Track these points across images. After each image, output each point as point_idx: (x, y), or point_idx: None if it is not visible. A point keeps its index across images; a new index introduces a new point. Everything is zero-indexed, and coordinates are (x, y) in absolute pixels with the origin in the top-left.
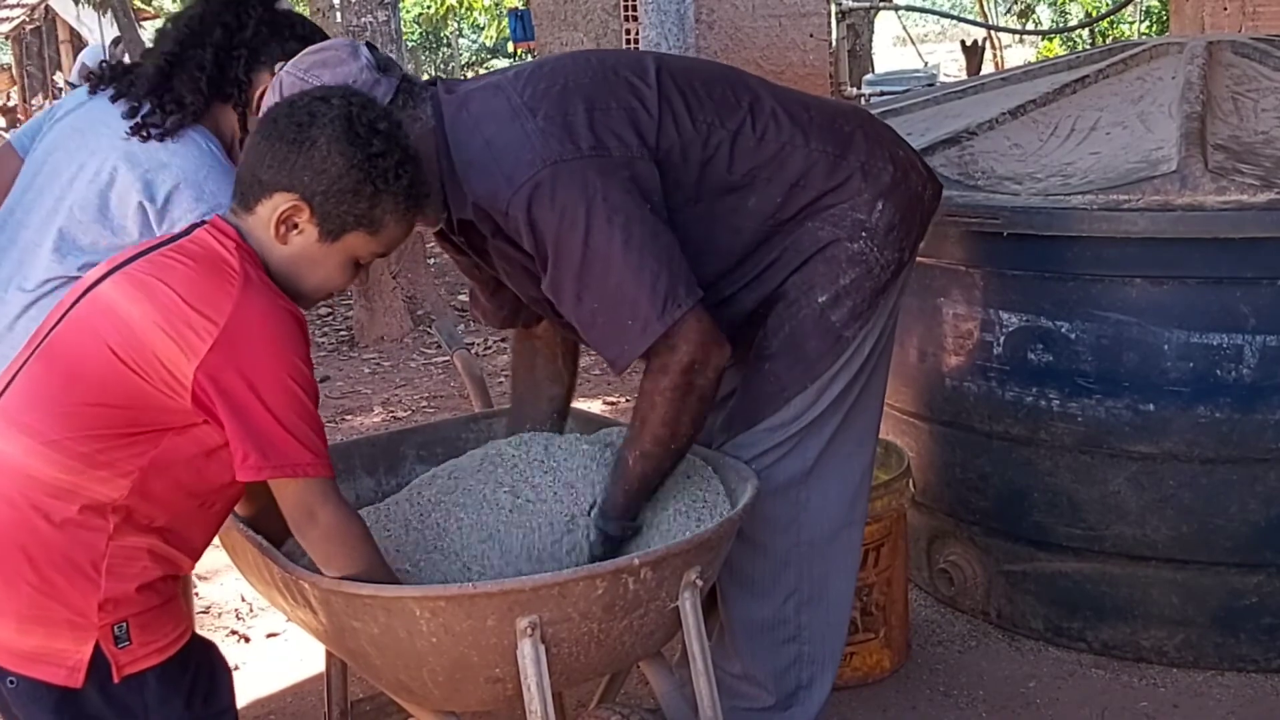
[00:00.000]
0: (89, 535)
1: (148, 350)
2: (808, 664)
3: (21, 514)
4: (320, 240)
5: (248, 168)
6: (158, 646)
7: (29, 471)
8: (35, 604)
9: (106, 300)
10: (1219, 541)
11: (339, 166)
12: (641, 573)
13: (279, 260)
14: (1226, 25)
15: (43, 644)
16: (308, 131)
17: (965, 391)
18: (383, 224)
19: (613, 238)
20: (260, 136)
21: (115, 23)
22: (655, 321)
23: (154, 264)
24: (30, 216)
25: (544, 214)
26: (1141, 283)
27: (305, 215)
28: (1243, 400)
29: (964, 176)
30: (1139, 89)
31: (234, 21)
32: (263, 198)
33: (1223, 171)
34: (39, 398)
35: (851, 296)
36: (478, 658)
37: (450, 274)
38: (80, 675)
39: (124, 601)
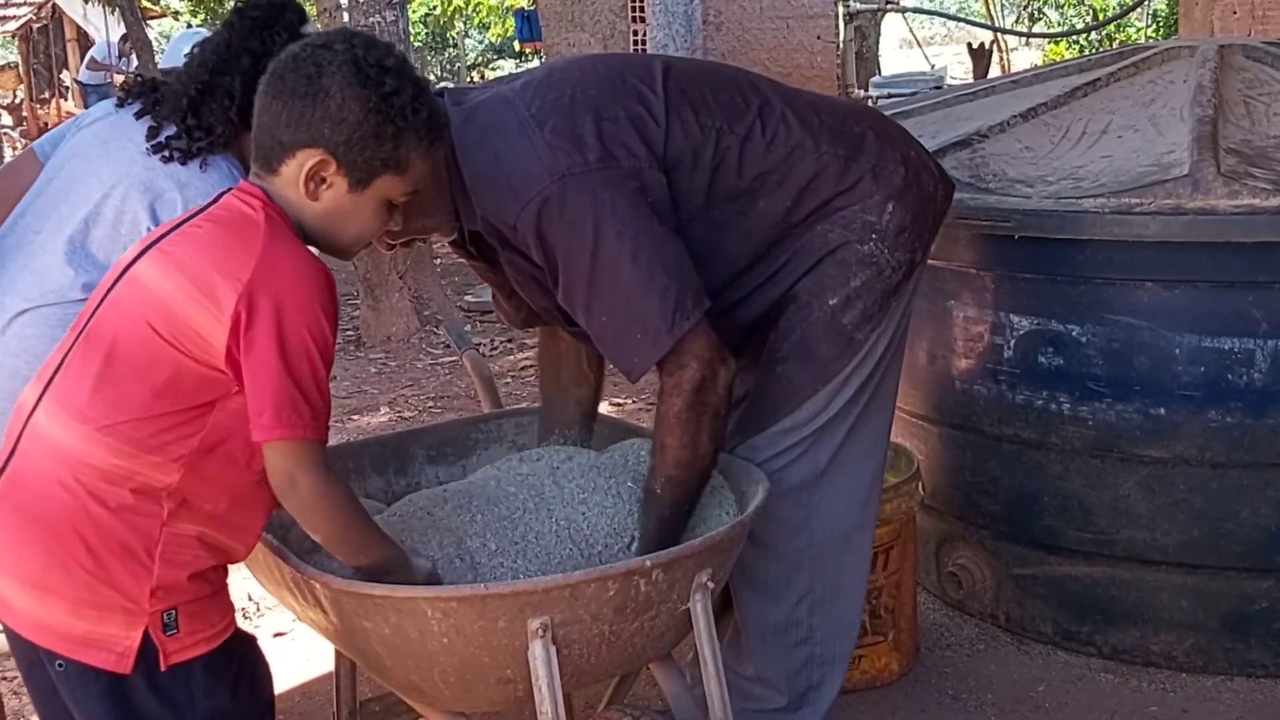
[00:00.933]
0: (143, 520)
1: (183, 322)
2: (818, 665)
3: (78, 499)
4: (351, 190)
5: (263, 130)
6: (204, 636)
7: (83, 457)
8: (89, 588)
9: (142, 279)
10: (1230, 546)
11: (356, 113)
12: (653, 574)
13: (313, 218)
14: (1236, 29)
15: (94, 629)
16: (318, 82)
17: (975, 395)
18: (409, 162)
19: (621, 251)
20: (270, 95)
21: (122, 20)
22: (665, 334)
23: (182, 235)
24: (42, 222)
25: (552, 229)
26: (1153, 286)
27: (332, 168)
28: (1254, 405)
29: (975, 179)
30: (1151, 92)
31: (260, 48)
32: (285, 158)
33: (1235, 175)
34: (87, 383)
35: (863, 299)
36: (489, 659)
37: (457, 274)
38: (129, 661)
39: (175, 589)
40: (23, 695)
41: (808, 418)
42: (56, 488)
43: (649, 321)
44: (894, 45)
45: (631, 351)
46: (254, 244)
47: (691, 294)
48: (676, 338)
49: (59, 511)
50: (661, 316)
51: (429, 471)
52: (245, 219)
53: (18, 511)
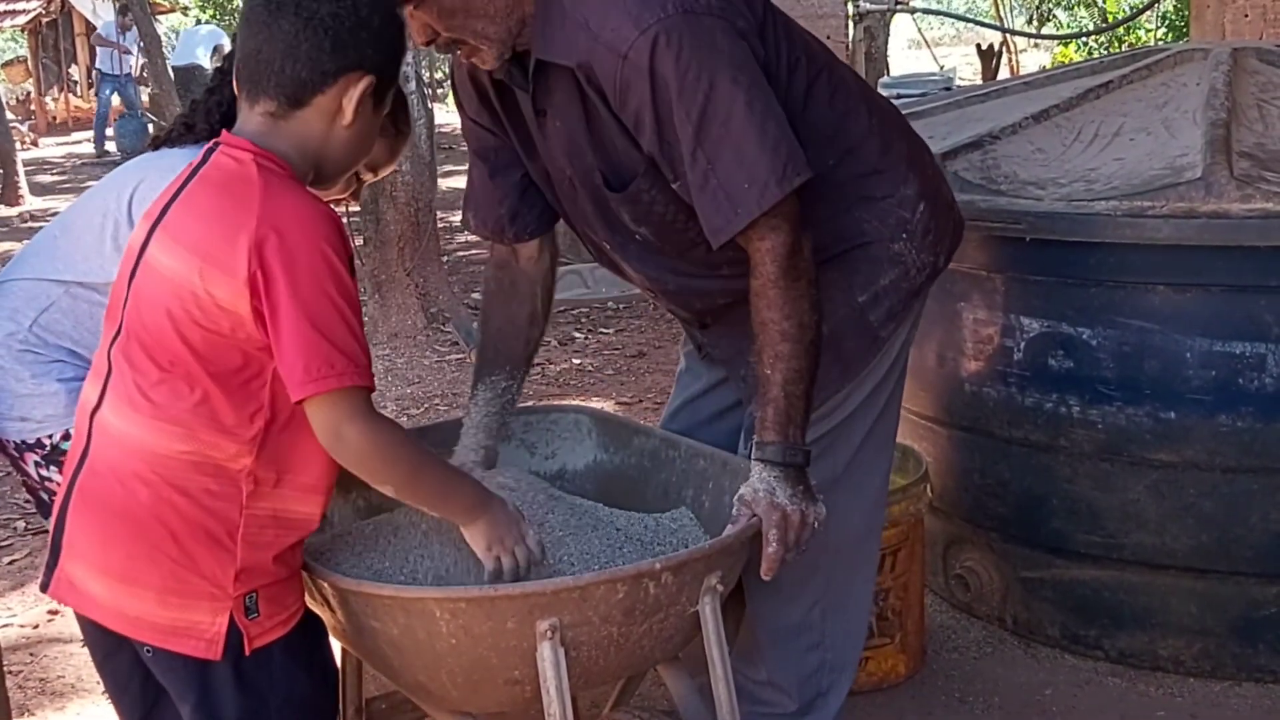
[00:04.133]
0: (224, 505)
1: (204, 298)
2: (829, 672)
3: (158, 491)
4: (375, 109)
5: (298, 62)
6: (282, 619)
7: (155, 449)
8: (175, 577)
9: (157, 268)
10: (1239, 551)
11: (393, 32)
12: (662, 577)
13: (340, 143)
14: (1247, 32)
15: (180, 616)
16: (359, 6)
17: (985, 397)
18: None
19: (735, 98)
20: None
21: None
22: (773, 187)
23: (180, 207)
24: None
25: (665, 63)
26: (1164, 290)
27: (371, 89)
28: (1265, 409)
29: (987, 181)
30: (1163, 95)
31: None
32: (324, 87)
33: (1248, 179)
34: (139, 376)
35: (889, 297)
36: (497, 660)
37: (463, 271)
38: (219, 647)
39: (257, 571)
40: (28, 689)
41: (827, 414)
42: (135, 481)
43: (757, 172)
44: (903, 46)
45: (735, 202)
46: (251, 201)
47: (799, 153)
48: (785, 193)
49: (141, 504)
50: (771, 169)
51: None
52: (237, 176)
53: (100, 507)
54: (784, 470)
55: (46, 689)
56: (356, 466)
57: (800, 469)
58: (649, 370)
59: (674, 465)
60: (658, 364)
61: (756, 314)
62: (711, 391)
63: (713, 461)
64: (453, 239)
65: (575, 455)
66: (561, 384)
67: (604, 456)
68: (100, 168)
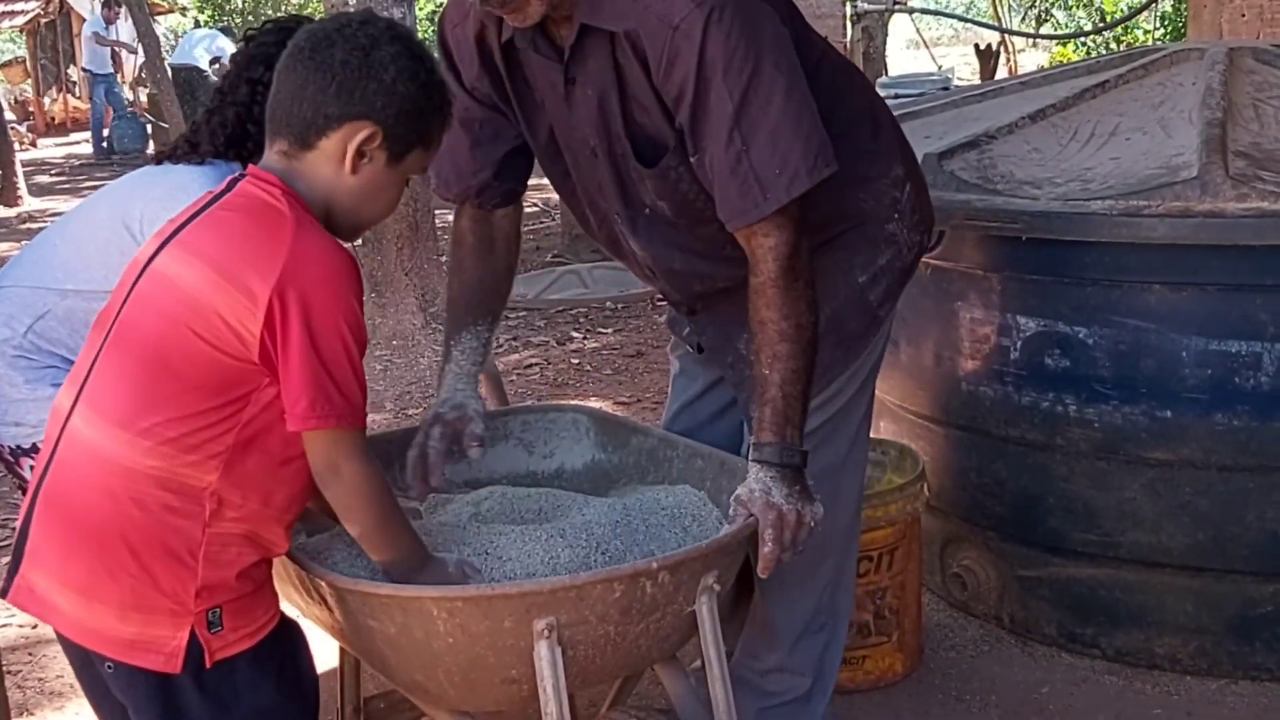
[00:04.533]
0: (185, 522)
1: (215, 316)
2: (833, 644)
3: (120, 505)
4: (388, 164)
5: (305, 103)
6: (248, 632)
7: (123, 462)
8: (135, 593)
9: (167, 275)
10: (1235, 549)
11: (408, 88)
12: (659, 576)
13: (346, 192)
14: (1245, 31)
15: (141, 631)
16: (373, 55)
17: (981, 396)
18: (434, 139)
19: (776, 82)
20: (314, 67)
21: (129, 15)
22: (803, 177)
23: (204, 226)
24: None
25: (715, 38)
26: (1160, 289)
27: (377, 141)
28: (1261, 408)
29: (983, 180)
30: (1159, 94)
31: (264, 76)
32: (328, 131)
33: (1244, 178)
34: (121, 386)
35: (886, 276)
36: (494, 659)
37: None
38: (178, 661)
39: (220, 588)
40: (26, 689)
41: (832, 396)
42: (98, 494)
43: (790, 160)
44: (901, 46)
45: (764, 187)
46: (283, 236)
47: (828, 145)
48: (814, 182)
49: (102, 518)
50: (804, 157)
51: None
52: (271, 209)
53: (62, 519)
54: (780, 470)
55: (45, 689)
56: (340, 500)
57: (797, 469)
58: (647, 370)
59: (672, 465)
60: (656, 364)
61: (755, 312)
62: (709, 392)
63: (710, 461)
64: None
65: (573, 454)
66: (560, 384)
67: (602, 456)
68: (99, 169)
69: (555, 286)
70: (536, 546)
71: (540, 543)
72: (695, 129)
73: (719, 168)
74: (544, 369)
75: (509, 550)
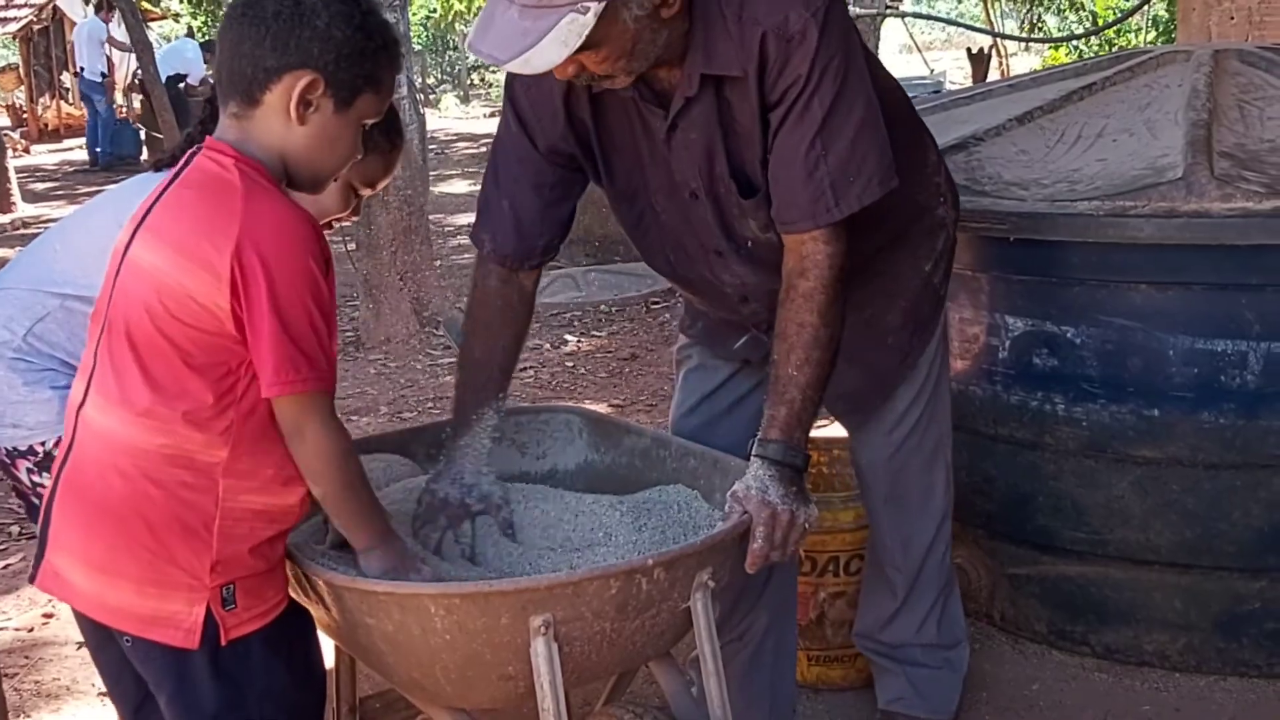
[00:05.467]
0: (199, 497)
1: (184, 296)
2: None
3: (134, 484)
4: (336, 111)
5: (243, 59)
6: (260, 611)
7: (134, 442)
8: (153, 568)
9: (139, 264)
10: (1222, 546)
11: (343, 31)
12: (655, 573)
13: (298, 144)
14: (1233, 34)
15: (159, 606)
16: (303, 3)
17: (971, 395)
18: (383, 81)
19: (860, 91)
20: (247, 23)
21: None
22: (875, 185)
23: (163, 208)
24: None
25: (823, 43)
26: (1147, 288)
27: (320, 88)
28: (1247, 406)
29: (971, 182)
30: (1145, 96)
31: None
32: (270, 84)
33: (1228, 179)
34: (121, 371)
35: (944, 259)
36: (491, 655)
37: (456, 277)
38: (196, 636)
39: (234, 563)
40: (23, 691)
41: (921, 379)
42: (113, 474)
43: (865, 168)
44: (894, 50)
45: (838, 193)
46: (234, 205)
47: (892, 158)
48: (884, 192)
49: (119, 497)
50: (878, 167)
51: (429, 469)
52: (220, 180)
53: (82, 500)
54: (780, 469)
55: (42, 691)
56: (306, 462)
57: (798, 470)
58: (640, 373)
59: (665, 464)
60: (650, 366)
61: (795, 315)
62: (728, 384)
63: (704, 460)
64: (445, 243)
65: (566, 455)
66: (554, 387)
67: (595, 456)
68: (94, 175)
69: (549, 290)
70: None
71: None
72: (782, 129)
73: (795, 170)
74: (538, 372)
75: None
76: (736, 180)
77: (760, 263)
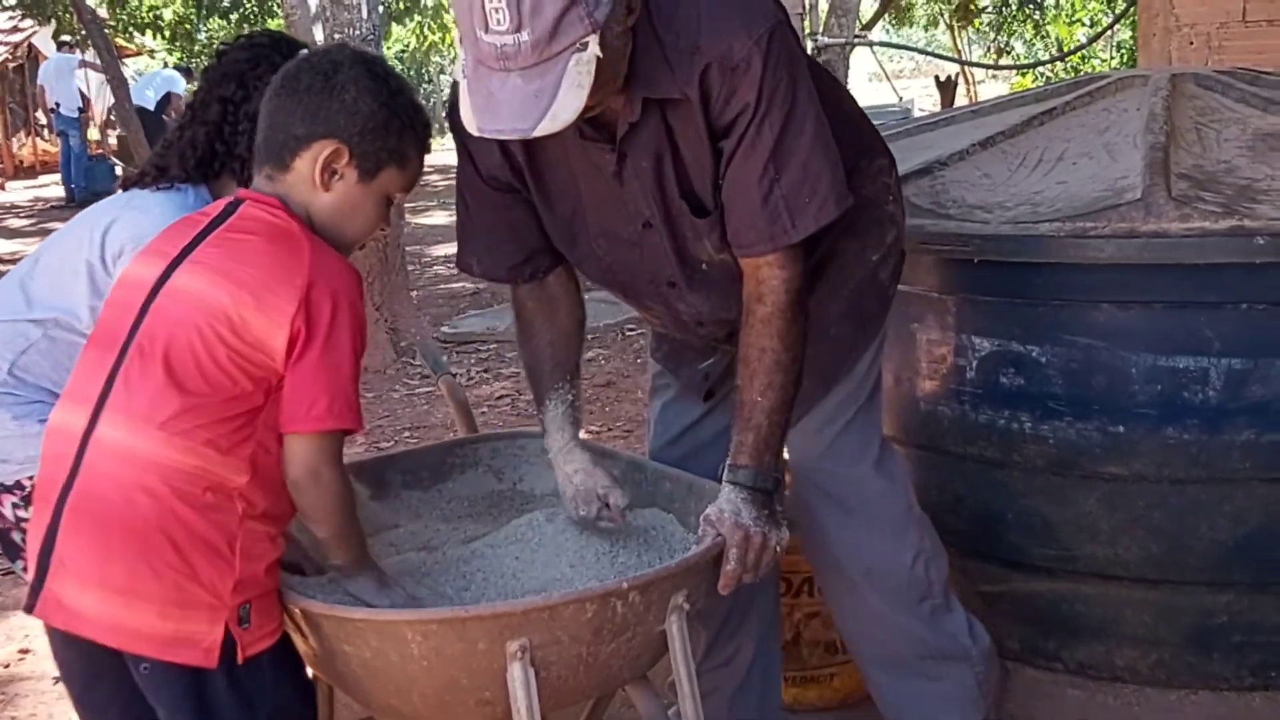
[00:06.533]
0: (224, 517)
1: (245, 330)
2: (948, 614)
3: (163, 502)
4: (359, 181)
5: (277, 127)
6: (270, 629)
7: (165, 461)
8: (177, 588)
9: (191, 292)
10: (1189, 561)
11: (370, 105)
12: (630, 596)
13: (322, 210)
14: (1193, 59)
15: (180, 627)
16: (334, 78)
17: (939, 415)
18: (409, 158)
19: (809, 111)
20: (284, 94)
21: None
22: (830, 205)
23: (223, 247)
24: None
25: (769, 68)
26: (1109, 308)
27: (345, 159)
28: (1209, 422)
29: (936, 206)
30: (1105, 120)
31: (235, 94)
32: (300, 151)
33: (1186, 199)
34: (156, 392)
35: (893, 256)
36: (468, 680)
37: (432, 306)
38: (215, 655)
39: (252, 582)
40: None
41: (860, 378)
42: (139, 494)
43: (819, 188)
44: (864, 78)
45: (794, 215)
46: (301, 253)
47: (844, 177)
48: (840, 211)
49: (145, 516)
50: (832, 186)
51: (405, 497)
52: (285, 231)
53: (99, 523)
54: (752, 494)
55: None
56: (315, 504)
57: (768, 494)
58: (617, 399)
59: (640, 488)
60: (626, 393)
61: (756, 340)
62: (710, 415)
63: (679, 484)
64: (421, 274)
65: (543, 480)
66: (530, 415)
67: None
68: (69, 211)
69: None
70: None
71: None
72: (734, 158)
73: (750, 196)
74: (515, 400)
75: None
76: (688, 201)
77: (714, 288)
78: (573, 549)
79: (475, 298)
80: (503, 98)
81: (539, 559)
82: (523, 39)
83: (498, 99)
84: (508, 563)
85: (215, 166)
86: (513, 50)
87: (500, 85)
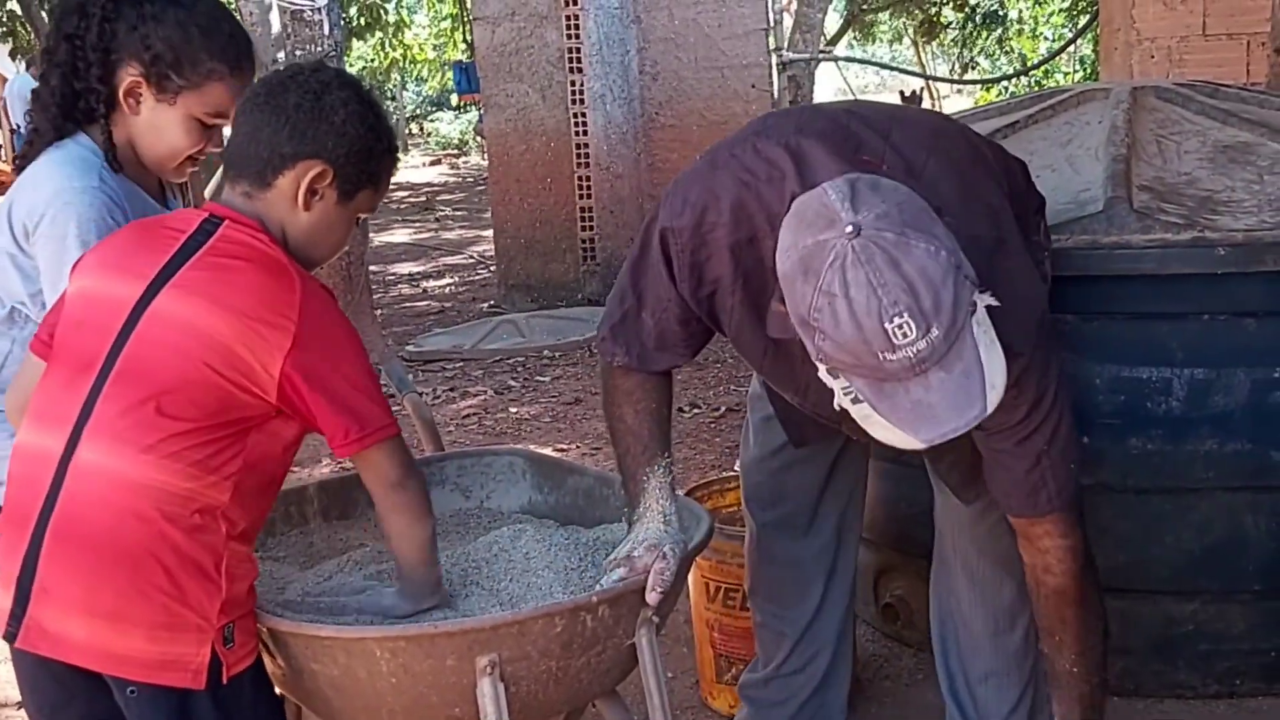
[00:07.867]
0: (211, 538)
1: (236, 357)
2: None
3: (153, 526)
4: (338, 202)
5: (260, 144)
6: (250, 649)
7: (151, 484)
8: (166, 611)
9: (180, 317)
10: (1155, 570)
11: (357, 129)
12: (599, 610)
13: (299, 229)
14: (1155, 72)
15: (168, 649)
16: (324, 99)
17: None
18: (382, 179)
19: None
20: (268, 110)
21: None
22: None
23: (210, 271)
24: None
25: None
26: (1073, 319)
27: (328, 179)
28: (1173, 432)
29: None
30: (1067, 133)
31: (79, 26)
32: (284, 169)
33: (1147, 211)
34: (144, 417)
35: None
36: (437, 697)
37: (396, 325)
38: (203, 677)
39: (235, 603)
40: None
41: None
42: (129, 518)
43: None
44: (829, 94)
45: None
46: (292, 282)
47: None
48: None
49: (134, 540)
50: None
51: (370, 515)
52: (275, 260)
53: (86, 548)
54: None
55: None
56: (409, 508)
57: None
58: (585, 417)
59: (609, 503)
60: (594, 410)
61: (1054, 611)
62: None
63: None
64: (385, 292)
65: (510, 497)
66: (498, 432)
67: (539, 497)
68: None
69: (492, 336)
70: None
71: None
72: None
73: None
74: (482, 419)
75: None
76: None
77: None
78: (542, 563)
79: (440, 316)
80: (934, 399)
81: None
82: (934, 336)
83: (927, 403)
84: (481, 577)
85: (79, 107)
86: (928, 353)
87: (924, 389)
